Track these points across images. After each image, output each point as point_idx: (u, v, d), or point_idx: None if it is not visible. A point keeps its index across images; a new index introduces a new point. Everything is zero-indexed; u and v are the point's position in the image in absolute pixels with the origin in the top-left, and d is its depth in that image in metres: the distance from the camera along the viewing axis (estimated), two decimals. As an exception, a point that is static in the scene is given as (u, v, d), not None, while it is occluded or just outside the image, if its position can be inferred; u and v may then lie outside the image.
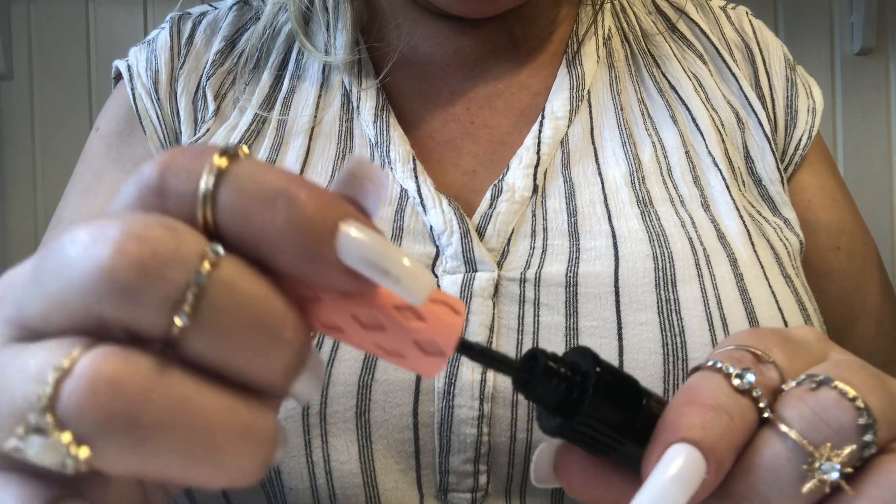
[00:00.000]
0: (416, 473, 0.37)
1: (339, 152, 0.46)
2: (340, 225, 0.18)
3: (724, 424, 0.21)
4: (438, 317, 0.20)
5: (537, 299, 0.39)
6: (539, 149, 0.44)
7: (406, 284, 0.18)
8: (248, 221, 0.18)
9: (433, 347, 0.20)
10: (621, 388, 0.22)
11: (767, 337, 0.24)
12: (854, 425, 0.21)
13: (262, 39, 0.50)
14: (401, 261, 0.18)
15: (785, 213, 0.47)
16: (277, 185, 0.18)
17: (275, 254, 0.18)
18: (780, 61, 0.51)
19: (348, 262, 0.18)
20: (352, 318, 0.20)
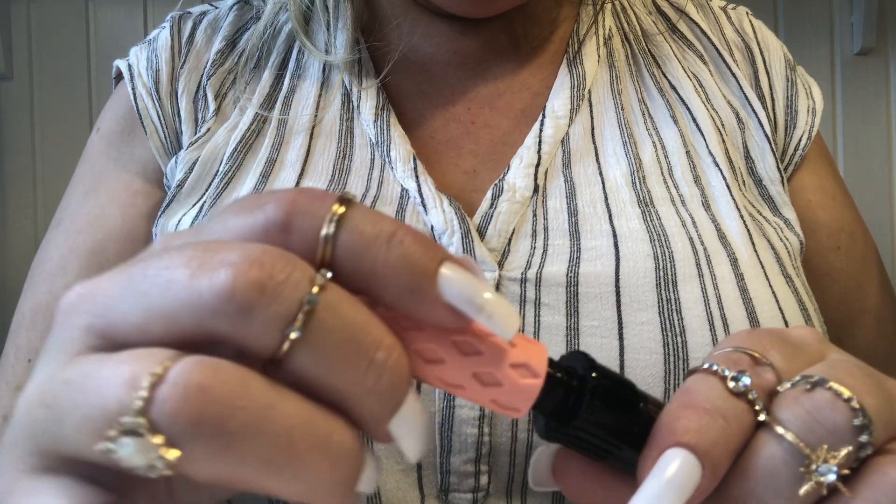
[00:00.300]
0: (416, 473, 0.37)
1: (340, 151, 0.46)
2: (444, 263, 0.20)
3: (720, 428, 0.21)
4: (516, 381, 0.21)
5: (538, 299, 0.39)
6: (540, 148, 0.44)
7: (498, 320, 0.20)
8: (363, 260, 0.20)
9: (509, 405, 0.21)
10: (618, 392, 0.23)
11: (765, 338, 0.24)
12: (849, 426, 0.21)
13: (263, 39, 0.50)
14: (494, 300, 0.20)
15: (785, 213, 0.47)
16: (389, 229, 0.20)
17: (385, 288, 0.20)
18: (781, 61, 0.52)
19: (448, 298, 0.20)
20: (452, 344, 0.21)
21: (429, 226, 0.42)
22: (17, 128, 1.28)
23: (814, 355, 0.25)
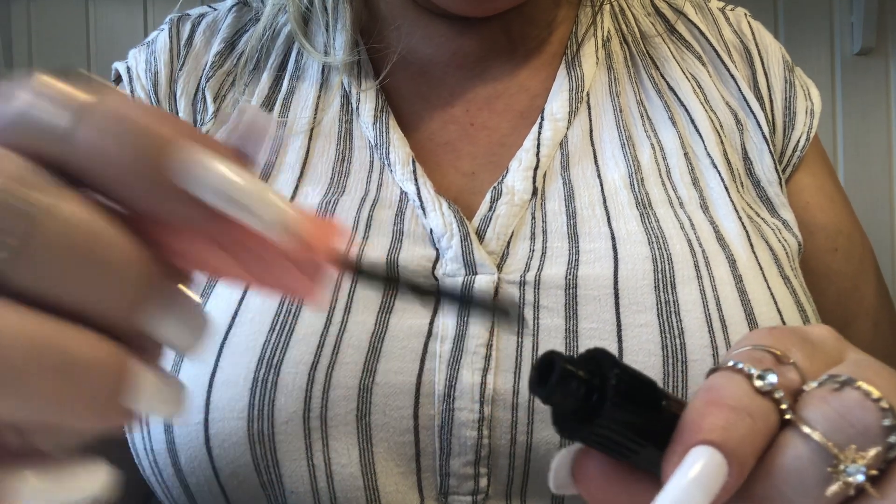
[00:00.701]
0: (416, 476, 0.37)
1: (339, 153, 0.46)
2: (182, 147, 0.18)
3: (747, 426, 0.21)
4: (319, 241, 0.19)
5: (537, 302, 0.39)
6: (538, 151, 0.44)
7: (267, 220, 0.18)
8: (102, 162, 0.18)
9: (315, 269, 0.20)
10: (640, 389, 0.22)
11: (786, 337, 0.24)
12: (879, 426, 0.21)
13: (262, 41, 0.50)
14: (254, 190, 0.18)
15: (783, 214, 0.47)
16: (130, 117, 0.18)
17: (119, 185, 0.18)
18: (779, 63, 0.52)
19: (192, 188, 0.18)
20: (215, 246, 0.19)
21: (428, 229, 0.42)
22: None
23: (834, 354, 0.24)
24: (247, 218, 0.18)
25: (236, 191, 0.18)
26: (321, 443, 0.36)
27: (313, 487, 0.36)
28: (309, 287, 0.20)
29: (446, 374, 0.37)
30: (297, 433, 0.36)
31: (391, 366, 0.37)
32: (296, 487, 0.36)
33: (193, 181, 0.18)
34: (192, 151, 0.18)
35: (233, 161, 0.18)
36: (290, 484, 0.36)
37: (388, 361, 0.37)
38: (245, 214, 0.18)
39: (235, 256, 0.19)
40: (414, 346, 0.37)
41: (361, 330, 0.37)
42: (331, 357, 0.37)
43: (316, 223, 0.19)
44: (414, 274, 0.20)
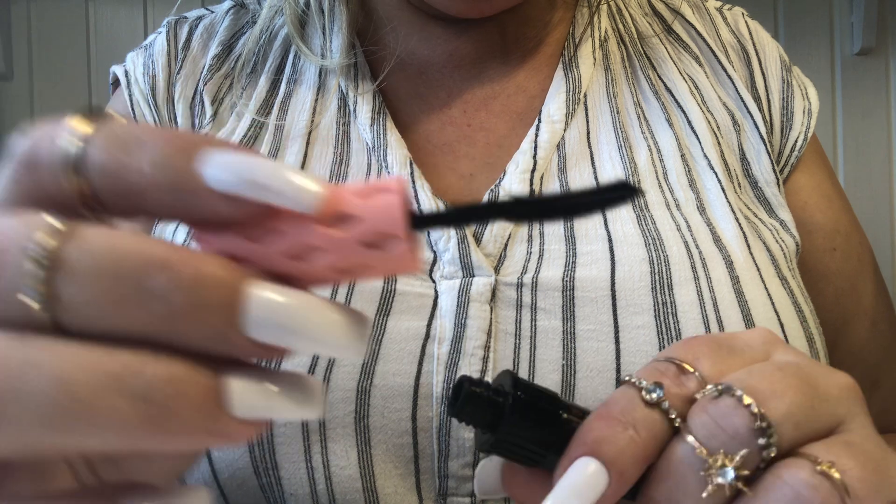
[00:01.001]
0: (415, 478, 0.37)
1: (337, 156, 0.46)
2: (205, 149, 0.18)
3: (629, 438, 0.23)
4: (372, 207, 0.18)
5: (534, 304, 0.39)
6: (535, 153, 0.44)
7: (288, 192, 0.18)
8: (117, 176, 0.18)
9: (388, 241, 0.18)
10: (537, 405, 0.24)
11: (699, 346, 0.25)
12: (748, 430, 0.22)
13: (259, 44, 0.50)
14: (271, 170, 0.18)
15: (781, 214, 0.47)
16: (138, 134, 0.18)
17: (148, 198, 0.18)
18: (776, 62, 0.52)
19: (221, 186, 0.18)
20: (290, 259, 0.18)
21: (425, 231, 0.42)
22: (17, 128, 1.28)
23: (756, 357, 0.26)
24: (278, 199, 0.18)
25: (261, 174, 0.18)
26: (320, 445, 0.36)
27: (312, 489, 0.36)
28: (399, 259, 0.19)
29: (444, 377, 0.37)
30: (296, 435, 0.36)
31: (389, 368, 0.37)
32: (295, 490, 0.36)
33: (218, 177, 0.18)
34: (212, 150, 0.18)
35: (251, 153, 0.18)
36: (289, 486, 0.36)
37: (386, 363, 0.37)
38: (275, 196, 0.18)
39: (299, 254, 0.19)
40: (412, 349, 0.38)
41: None
42: (328, 359, 0.37)
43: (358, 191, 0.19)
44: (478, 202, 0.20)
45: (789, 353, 0.26)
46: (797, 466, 0.22)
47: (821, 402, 0.23)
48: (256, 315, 0.17)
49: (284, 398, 0.18)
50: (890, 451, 0.24)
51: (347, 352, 0.18)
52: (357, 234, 0.18)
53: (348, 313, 0.18)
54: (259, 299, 0.17)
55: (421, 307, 0.39)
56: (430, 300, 0.39)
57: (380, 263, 0.19)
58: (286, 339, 0.18)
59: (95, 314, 0.17)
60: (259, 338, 0.17)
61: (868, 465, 0.22)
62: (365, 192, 0.19)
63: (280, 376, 0.19)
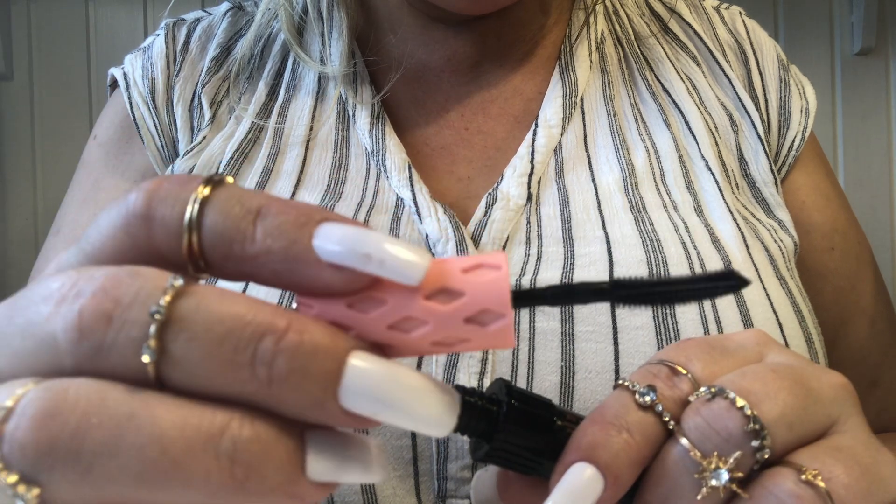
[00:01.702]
0: (414, 480, 0.37)
1: (336, 161, 0.46)
2: (321, 223, 0.18)
3: (623, 442, 0.23)
4: (476, 281, 0.19)
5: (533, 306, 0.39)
6: (533, 158, 0.44)
7: (393, 264, 0.18)
8: (232, 242, 0.18)
9: (490, 317, 0.19)
10: (531, 413, 0.24)
11: (691, 348, 0.25)
12: (741, 432, 0.22)
13: (256, 48, 0.50)
14: (380, 242, 0.18)
15: (779, 214, 0.47)
16: (256, 204, 0.18)
17: (262, 267, 0.18)
18: (774, 62, 0.51)
19: (330, 257, 0.18)
20: (389, 329, 0.19)
21: (424, 234, 0.42)
22: (17, 128, 1.28)
23: (749, 358, 0.26)
24: (380, 270, 0.18)
25: (370, 246, 0.18)
26: None
27: (310, 490, 0.36)
28: (499, 335, 0.19)
29: (443, 378, 0.37)
30: None
31: None
32: (293, 490, 0.36)
33: (328, 249, 0.18)
34: (325, 222, 0.18)
35: (362, 225, 0.19)
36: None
37: None
38: (377, 266, 0.18)
39: (403, 328, 0.19)
40: None
41: None
42: None
43: (463, 265, 0.19)
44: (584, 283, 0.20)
45: (783, 353, 0.26)
46: (782, 476, 0.22)
47: (814, 403, 0.24)
48: (355, 386, 0.18)
49: (355, 463, 0.19)
50: (883, 451, 0.24)
51: (436, 428, 0.19)
52: (460, 309, 0.19)
53: (441, 389, 0.19)
54: (359, 370, 0.18)
55: None
56: None
57: (478, 338, 0.19)
58: (381, 412, 0.18)
59: (200, 373, 0.17)
60: (354, 409, 0.18)
61: (855, 470, 0.22)
62: (470, 266, 0.19)
63: (354, 441, 0.19)
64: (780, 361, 0.25)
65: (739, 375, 0.24)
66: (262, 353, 0.17)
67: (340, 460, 0.18)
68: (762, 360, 0.26)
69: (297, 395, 0.17)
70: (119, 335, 0.17)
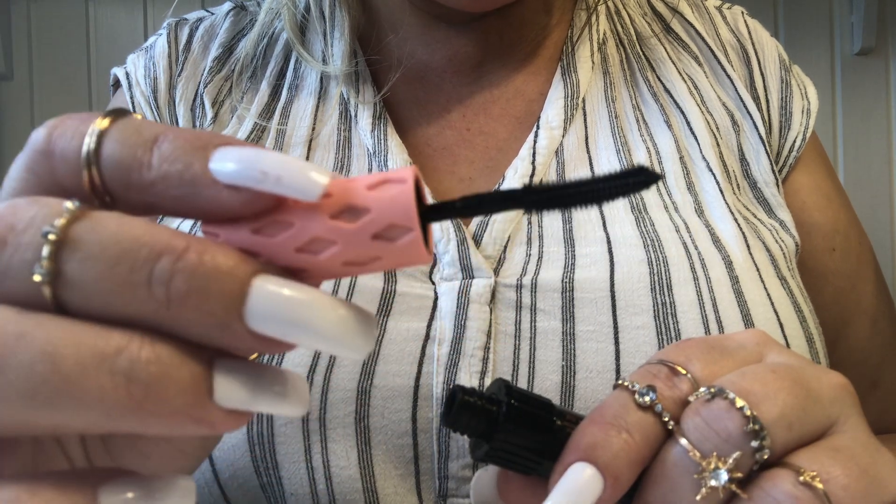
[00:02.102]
0: (415, 479, 0.37)
1: (338, 162, 0.46)
2: (217, 146, 0.18)
3: (622, 442, 0.23)
4: (382, 198, 0.18)
5: (534, 305, 0.39)
6: (534, 159, 0.44)
7: (291, 181, 0.18)
8: (130, 171, 0.18)
9: (397, 232, 0.18)
10: (531, 412, 0.24)
11: (691, 348, 0.25)
12: (741, 433, 0.22)
13: (259, 48, 0.50)
14: (277, 159, 0.18)
15: (780, 214, 0.47)
16: (153, 133, 0.18)
17: (162, 195, 0.18)
18: (775, 62, 0.51)
19: (226, 178, 0.18)
20: (297, 252, 0.18)
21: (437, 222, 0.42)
22: (17, 128, 1.28)
23: (749, 359, 0.26)
24: (276, 187, 0.18)
25: (267, 163, 0.18)
26: (320, 445, 0.36)
27: (312, 489, 0.36)
28: (410, 250, 0.18)
29: (444, 377, 0.37)
30: (296, 435, 0.36)
31: (389, 368, 0.37)
32: (295, 489, 0.36)
33: (224, 169, 0.18)
34: (222, 145, 0.18)
35: (258, 146, 0.19)
36: (290, 486, 0.36)
37: (387, 364, 0.37)
38: (274, 184, 0.18)
39: (311, 249, 0.19)
40: (412, 349, 0.38)
41: None
42: (329, 360, 0.37)
43: (368, 182, 0.18)
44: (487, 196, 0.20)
45: (783, 353, 0.26)
46: (780, 477, 0.22)
47: (813, 404, 0.24)
48: (261, 307, 0.17)
49: (270, 392, 0.18)
50: (882, 451, 0.24)
51: (351, 349, 0.18)
52: (367, 225, 0.18)
53: (355, 311, 0.19)
54: (264, 291, 0.17)
55: (421, 308, 0.39)
56: (430, 301, 0.39)
57: (389, 255, 0.19)
58: (290, 333, 0.18)
59: (96, 293, 0.17)
60: (262, 330, 0.18)
61: (854, 471, 0.22)
62: (375, 183, 0.18)
63: (267, 371, 0.19)
64: (779, 361, 0.25)
65: (739, 376, 0.24)
66: (158, 273, 0.17)
67: (252, 388, 0.18)
68: (762, 360, 0.26)
69: (199, 316, 0.17)
70: (13, 258, 0.17)
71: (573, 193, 0.19)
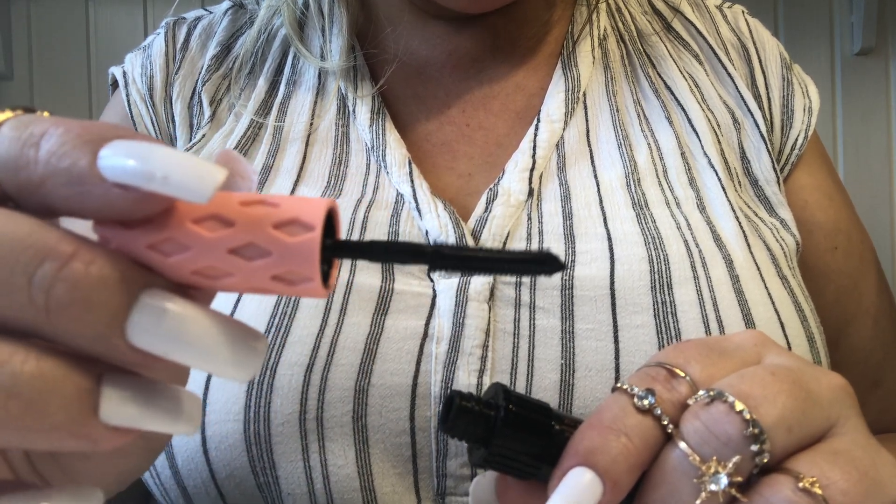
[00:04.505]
0: (413, 477, 0.37)
1: (336, 157, 0.46)
2: (108, 141, 0.17)
3: (621, 445, 0.23)
4: (283, 242, 0.18)
5: (533, 303, 0.39)
6: (535, 152, 0.44)
7: (177, 182, 0.16)
8: (17, 170, 0.18)
9: (298, 276, 0.18)
10: (529, 417, 0.24)
11: (689, 350, 0.25)
12: (740, 437, 0.22)
13: (257, 45, 0.50)
14: (166, 155, 0.17)
15: (781, 213, 0.47)
16: (39, 129, 0.18)
17: (51, 194, 0.17)
18: (777, 60, 0.51)
19: (113, 176, 0.17)
20: (194, 274, 0.18)
21: (424, 230, 0.42)
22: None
23: (747, 360, 0.25)
24: (163, 188, 0.17)
25: (150, 162, 0.17)
26: (317, 444, 0.36)
27: (310, 489, 0.36)
28: (302, 270, 0.18)
29: (442, 376, 0.37)
30: (294, 435, 0.36)
31: (387, 367, 0.37)
32: (292, 489, 0.36)
33: (112, 168, 0.17)
34: (112, 141, 0.17)
35: (153, 141, 0.18)
36: (287, 485, 0.36)
37: (384, 363, 0.37)
38: (161, 185, 0.17)
39: (219, 271, 0.18)
40: (410, 348, 0.37)
41: (357, 331, 0.37)
42: (326, 359, 0.37)
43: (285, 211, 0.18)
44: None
45: (781, 354, 0.26)
46: (779, 483, 0.22)
47: (813, 406, 0.23)
48: (143, 323, 0.17)
49: (159, 412, 0.18)
50: (882, 453, 0.24)
51: (232, 369, 0.18)
52: (267, 266, 0.18)
53: (240, 330, 0.18)
54: (150, 308, 0.17)
55: (419, 306, 0.39)
56: (429, 299, 0.39)
57: (285, 291, 0.18)
58: (171, 351, 0.17)
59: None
60: (144, 346, 0.17)
61: (853, 475, 0.22)
62: (283, 221, 0.18)
63: (160, 388, 0.18)
64: (778, 363, 0.25)
65: (738, 378, 0.24)
66: (39, 278, 0.16)
67: (142, 406, 0.18)
68: (760, 361, 0.26)
69: (79, 327, 0.17)
70: None
71: (477, 265, 0.19)
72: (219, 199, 0.18)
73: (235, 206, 0.18)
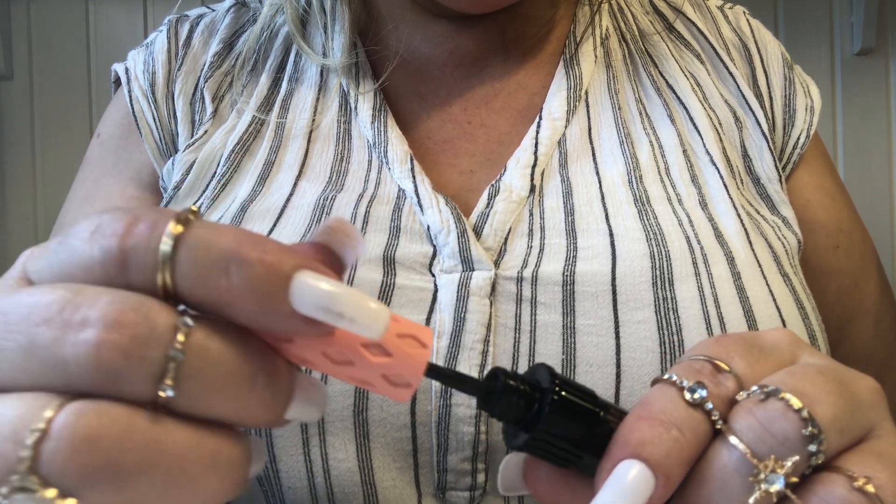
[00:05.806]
0: (413, 472, 0.37)
1: (338, 154, 0.46)
2: (293, 276, 0.20)
3: (673, 439, 0.22)
4: (405, 351, 0.21)
5: (534, 298, 0.39)
6: (536, 149, 0.44)
7: (361, 324, 0.20)
8: (205, 287, 0.19)
9: (400, 380, 0.22)
10: (577, 403, 0.23)
11: (731, 345, 0.25)
12: (798, 436, 0.22)
13: (260, 42, 0.51)
14: (355, 302, 0.20)
15: (783, 211, 0.47)
16: (228, 248, 0.19)
17: (235, 313, 0.20)
18: (778, 60, 0.52)
19: (303, 310, 0.20)
20: (323, 355, 0.21)
21: (425, 226, 0.42)
22: (17, 128, 1.28)
23: (784, 358, 0.25)
24: (350, 326, 0.20)
25: (341, 305, 0.20)
26: (318, 438, 0.36)
27: (310, 483, 0.36)
28: (399, 395, 0.22)
29: None
30: (294, 428, 0.36)
31: None
32: (293, 483, 0.36)
33: (303, 303, 0.19)
34: (306, 276, 0.20)
35: (334, 278, 0.20)
36: (288, 479, 0.36)
37: None
38: (348, 323, 0.20)
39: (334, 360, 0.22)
40: None
41: None
42: None
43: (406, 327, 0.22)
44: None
45: (814, 355, 0.25)
46: (833, 483, 0.22)
47: (858, 408, 0.23)
48: None
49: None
50: None
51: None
52: (383, 365, 0.21)
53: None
54: None
55: (420, 301, 0.39)
56: (430, 294, 0.39)
57: (382, 389, 0.22)
58: None
59: (206, 406, 0.20)
60: None
61: None
62: (404, 333, 0.22)
63: None
64: (814, 363, 0.25)
65: (789, 375, 0.23)
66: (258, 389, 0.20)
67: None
68: (796, 361, 0.25)
69: None
70: (137, 371, 0.19)
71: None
72: None
73: None
